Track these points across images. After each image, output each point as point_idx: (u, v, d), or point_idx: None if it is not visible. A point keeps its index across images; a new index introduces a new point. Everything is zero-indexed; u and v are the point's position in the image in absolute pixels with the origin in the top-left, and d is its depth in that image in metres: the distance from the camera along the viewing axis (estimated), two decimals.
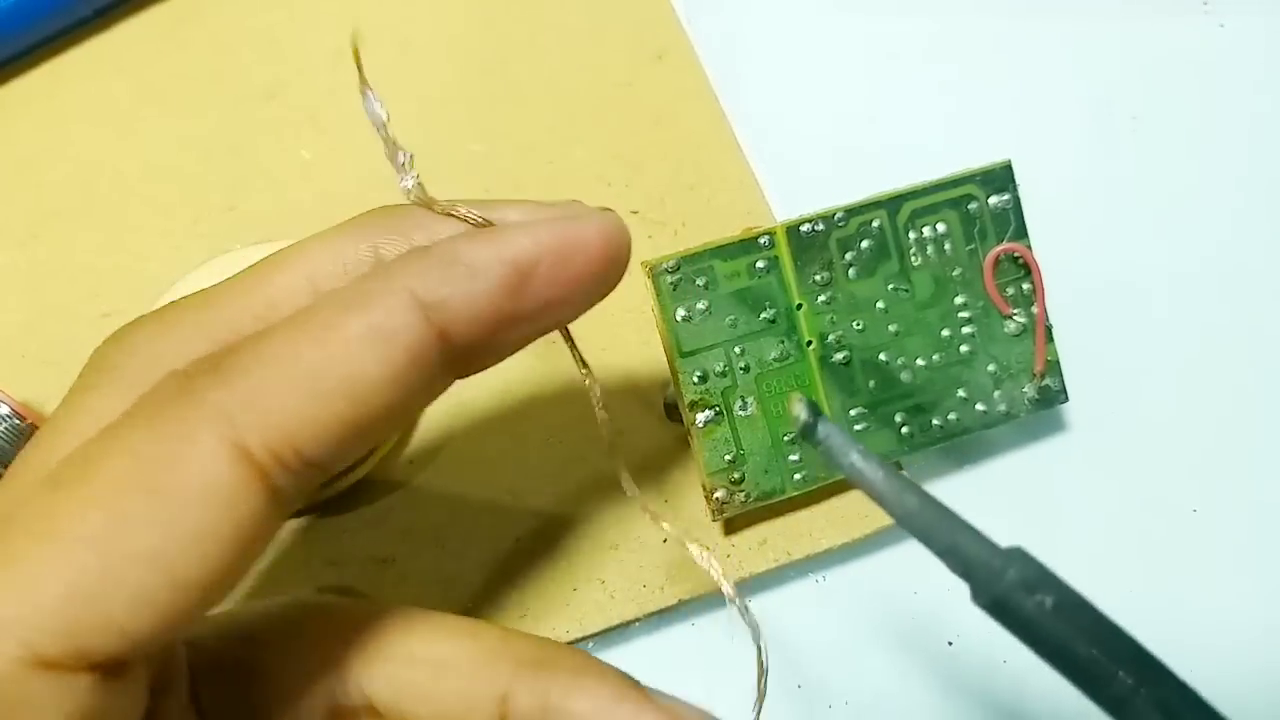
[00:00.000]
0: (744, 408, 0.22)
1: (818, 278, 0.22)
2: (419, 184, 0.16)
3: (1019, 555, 0.14)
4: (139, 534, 0.12)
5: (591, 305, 0.16)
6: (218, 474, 0.12)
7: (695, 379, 0.21)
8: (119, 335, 0.16)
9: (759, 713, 0.18)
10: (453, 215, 0.16)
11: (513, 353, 0.16)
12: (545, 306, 0.15)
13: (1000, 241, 0.22)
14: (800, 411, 0.17)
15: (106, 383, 0.15)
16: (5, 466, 0.21)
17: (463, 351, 0.14)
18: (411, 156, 0.16)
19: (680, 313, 0.21)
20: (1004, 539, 0.25)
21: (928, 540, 0.15)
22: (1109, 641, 0.13)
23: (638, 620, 0.22)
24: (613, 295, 0.25)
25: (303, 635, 0.16)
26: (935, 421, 0.22)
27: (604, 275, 0.15)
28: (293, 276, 0.15)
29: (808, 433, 0.17)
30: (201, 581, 0.13)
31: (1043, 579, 0.14)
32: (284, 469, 0.13)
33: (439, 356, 0.14)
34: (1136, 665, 0.13)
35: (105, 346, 0.16)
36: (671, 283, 0.21)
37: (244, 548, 0.13)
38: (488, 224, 0.16)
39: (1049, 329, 0.23)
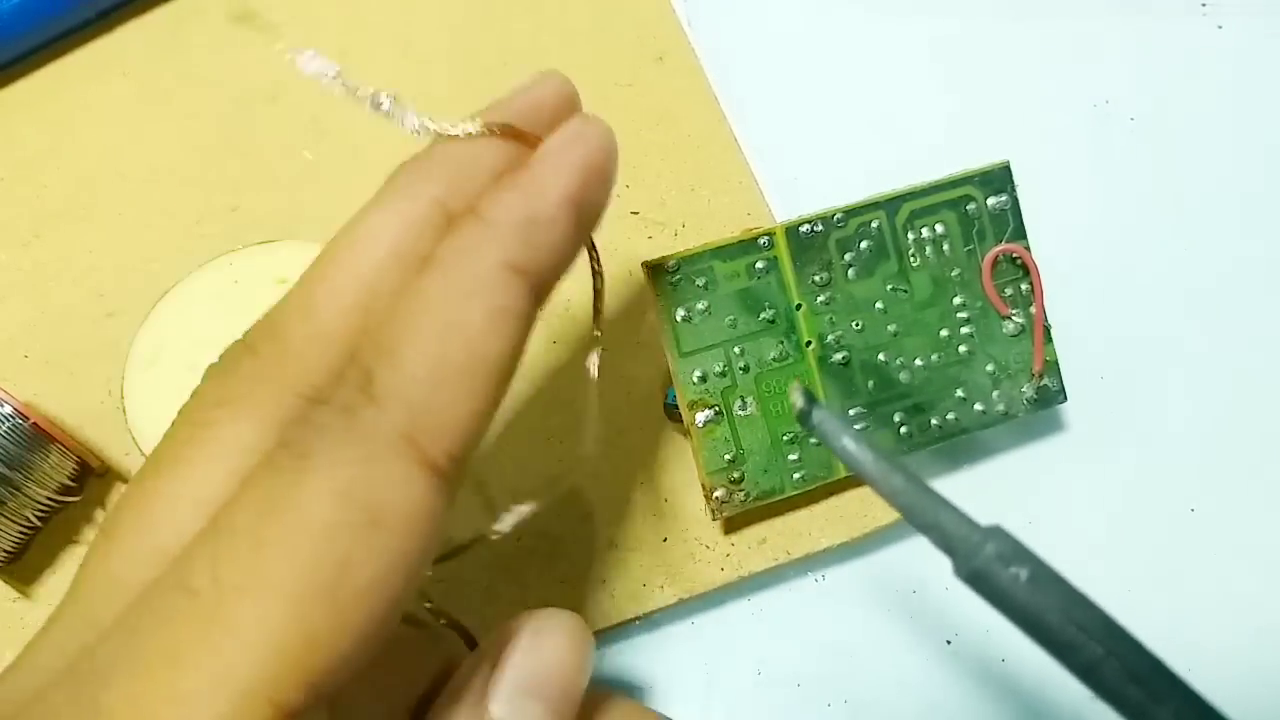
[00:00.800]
0: (743, 407, 0.22)
1: (817, 278, 0.22)
2: (423, 119, 0.16)
3: (997, 532, 0.15)
4: (363, 570, 0.13)
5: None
6: (420, 496, 0.13)
7: (695, 379, 0.21)
8: (230, 367, 0.15)
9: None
10: (481, 135, 0.16)
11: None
12: (593, 219, 0.16)
13: (999, 242, 0.23)
14: (797, 399, 0.18)
15: (230, 416, 0.14)
16: (9, 466, 0.21)
17: (547, 289, 0.16)
18: (395, 95, 0.16)
19: (680, 313, 0.21)
20: None
21: (912, 517, 0.16)
22: (1080, 612, 0.14)
23: (638, 619, 0.22)
24: (613, 295, 0.25)
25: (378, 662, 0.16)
26: (934, 421, 0.23)
27: (615, 169, 0.16)
28: (377, 254, 0.15)
29: (803, 419, 0.18)
30: (409, 592, 0.13)
31: (1018, 553, 0.14)
32: (457, 463, 0.14)
33: (536, 306, 0.15)
34: (1106, 634, 0.14)
35: (218, 379, 0.15)
36: (671, 283, 0.21)
37: (434, 548, 0.14)
38: (513, 132, 0.16)
39: (1047, 329, 0.23)
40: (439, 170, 0.16)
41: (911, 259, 0.22)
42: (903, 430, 0.22)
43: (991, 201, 0.22)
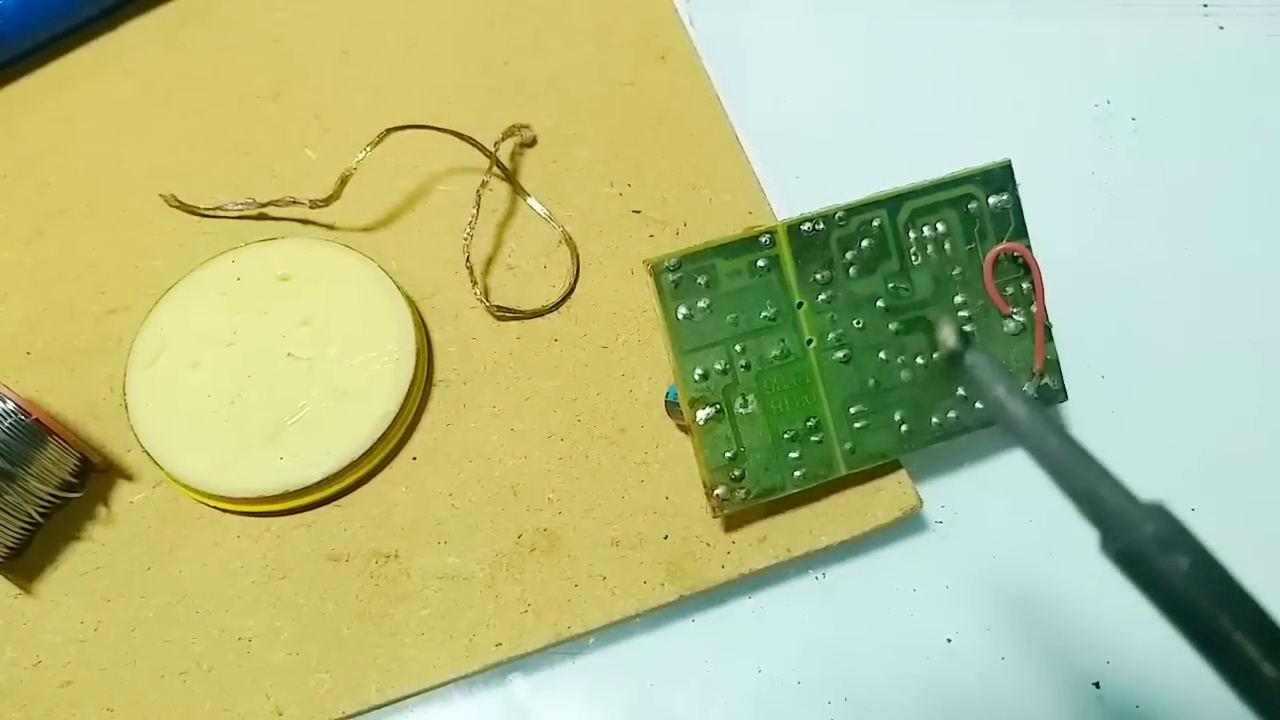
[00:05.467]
0: (744, 405, 0.22)
1: (818, 276, 0.22)
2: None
3: (1158, 511, 0.14)
4: None
5: None
6: None
7: (696, 376, 0.21)
8: None
9: None
10: None
11: None
12: None
13: (1000, 241, 0.23)
14: (948, 336, 0.17)
15: None
16: (10, 462, 0.21)
17: None
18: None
19: (682, 311, 0.21)
20: (1002, 538, 0.25)
21: (1064, 482, 0.15)
22: (1242, 611, 0.13)
23: (638, 616, 0.22)
24: (615, 293, 0.25)
25: None
26: (934, 420, 0.23)
27: None
28: None
29: (953, 360, 0.17)
30: None
31: (1180, 539, 0.13)
32: None
33: None
34: (1265, 638, 0.13)
35: None
36: (673, 281, 0.21)
37: None
38: None
39: (1048, 328, 0.23)
40: None
41: (913, 257, 0.22)
42: (903, 429, 0.22)
43: (993, 200, 0.22)
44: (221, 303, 0.24)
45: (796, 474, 0.22)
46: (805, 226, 0.22)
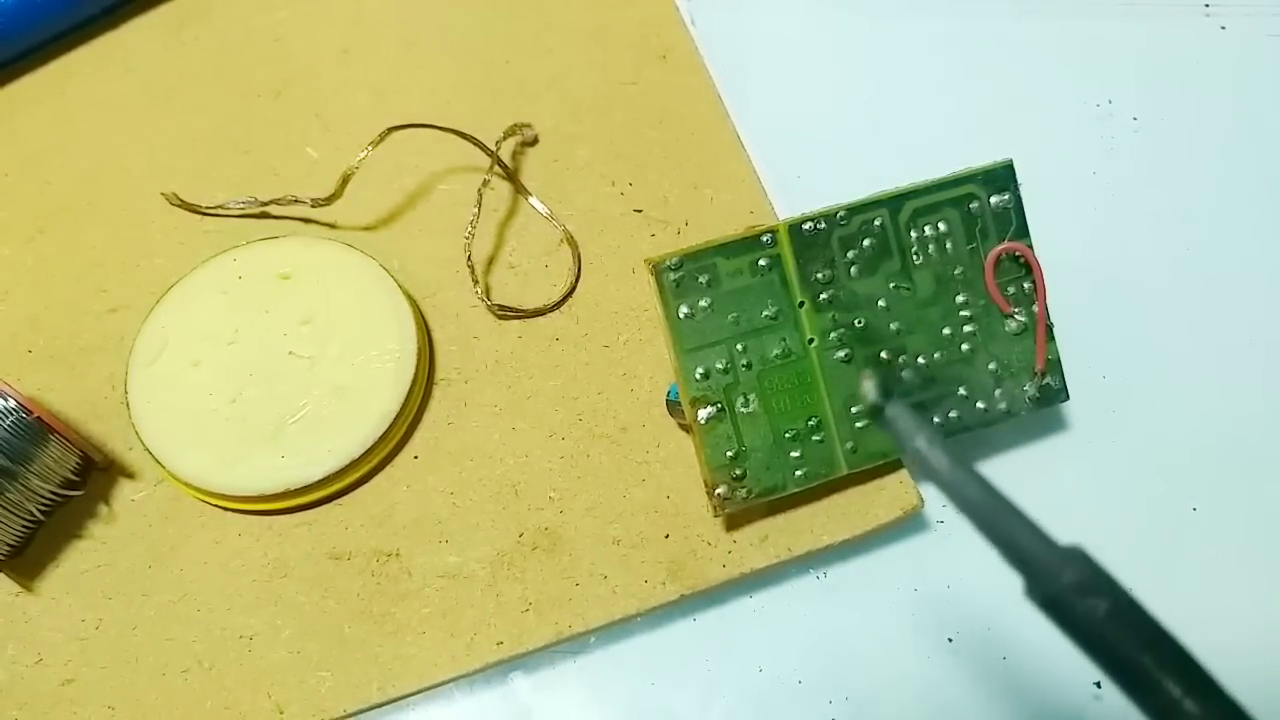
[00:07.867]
0: (746, 404, 0.22)
1: (820, 276, 0.22)
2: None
3: (1077, 556, 0.14)
4: None
5: None
6: None
7: (698, 375, 0.21)
8: None
9: None
10: None
11: None
12: None
13: (1001, 240, 0.23)
14: (869, 391, 0.17)
15: None
16: (12, 460, 0.21)
17: None
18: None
19: (683, 310, 0.21)
20: None
21: (986, 531, 0.15)
22: (1160, 650, 0.13)
23: (639, 615, 0.22)
24: (616, 292, 0.25)
25: None
26: (936, 419, 0.23)
27: None
28: None
29: (875, 414, 0.17)
30: None
31: (1099, 583, 0.14)
32: None
33: None
34: (1185, 676, 0.13)
35: None
36: (674, 280, 0.21)
37: None
38: None
39: (1050, 328, 0.23)
40: None
41: (914, 257, 0.22)
42: None
43: (994, 200, 0.23)
44: (223, 301, 0.24)
45: (798, 473, 0.22)
46: (806, 226, 0.22)
